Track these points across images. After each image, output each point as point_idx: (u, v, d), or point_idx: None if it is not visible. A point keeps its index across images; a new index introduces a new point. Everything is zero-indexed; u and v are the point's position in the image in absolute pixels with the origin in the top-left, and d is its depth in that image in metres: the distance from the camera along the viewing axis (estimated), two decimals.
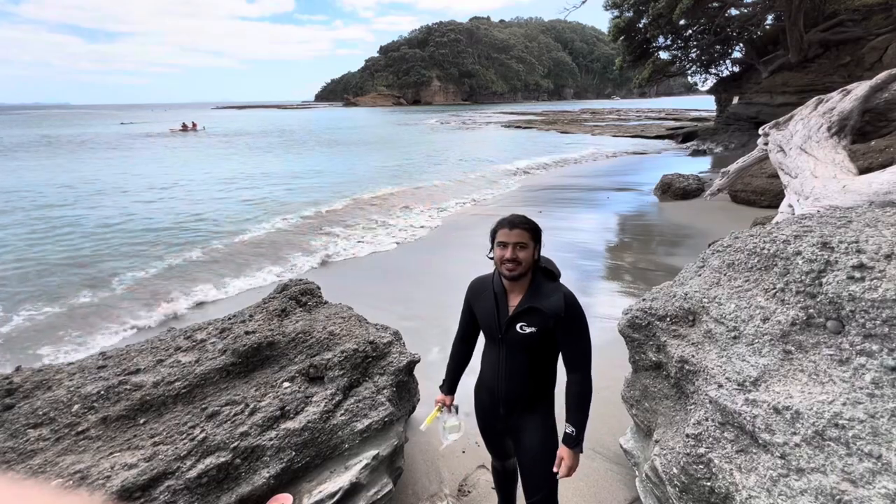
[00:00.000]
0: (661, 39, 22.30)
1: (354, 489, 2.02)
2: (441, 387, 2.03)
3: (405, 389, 2.67)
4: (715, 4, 19.21)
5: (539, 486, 1.74)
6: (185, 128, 40.82)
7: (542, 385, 1.78)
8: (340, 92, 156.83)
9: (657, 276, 5.82)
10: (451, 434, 1.92)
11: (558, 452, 1.67)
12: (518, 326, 1.67)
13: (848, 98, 5.05)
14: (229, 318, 2.62)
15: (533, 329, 1.65)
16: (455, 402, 2.01)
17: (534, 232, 1.66)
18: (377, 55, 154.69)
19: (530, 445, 1.77)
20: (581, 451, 1.68)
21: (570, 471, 1.64)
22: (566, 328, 1.65)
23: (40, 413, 1.88)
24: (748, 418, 1.48)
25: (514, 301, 1.70)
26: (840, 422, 1.29)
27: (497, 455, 2.04)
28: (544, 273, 1.73)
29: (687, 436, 1.69)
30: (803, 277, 1.53)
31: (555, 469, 1.66)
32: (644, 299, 2.20)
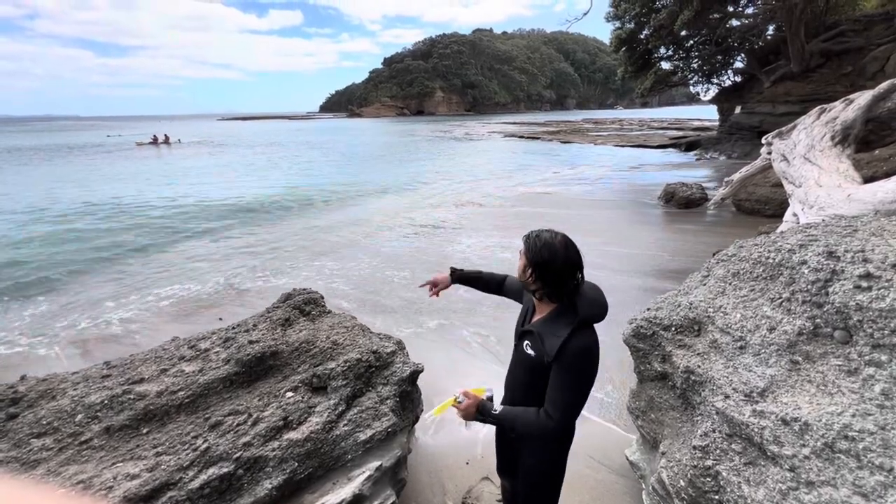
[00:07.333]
0: (662, 50, 22.45)
1: (357, 501, 2.00)
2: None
3: (408, 399, 2.65)
4: (716, 15, 19.36)
5: None
6: (155, 141, 35.97)
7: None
8: (345, 103, 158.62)
9: (659, 287, 5.78)
10: (464, 428, 2.02)
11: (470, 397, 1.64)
12: (524, 343, 1.66)
13: (851, 107, 5.06)
14: (233, 328, 2.62)
15: (532, 353, 1.61)
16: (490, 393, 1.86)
17: (524, 245, 1.60)
18: (381, 67, 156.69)
19: (521, 464, 1.74)
20: (480, 420, 1.63)
21: (459, 412, 1.63)
22: (553, 372, 1.54)
23: (44, 422, 1.88)
24: (756, 430, 1.47)
25: (536, 318, 1.67)
26: (850, 434, 1.27)
27: (497, 467, 1.99)
28: (573, 308, 1.56)
29: (694, 448, 1.66)
30: (809, 287, 1.52)
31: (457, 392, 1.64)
32: (649, 309, 2.19)
